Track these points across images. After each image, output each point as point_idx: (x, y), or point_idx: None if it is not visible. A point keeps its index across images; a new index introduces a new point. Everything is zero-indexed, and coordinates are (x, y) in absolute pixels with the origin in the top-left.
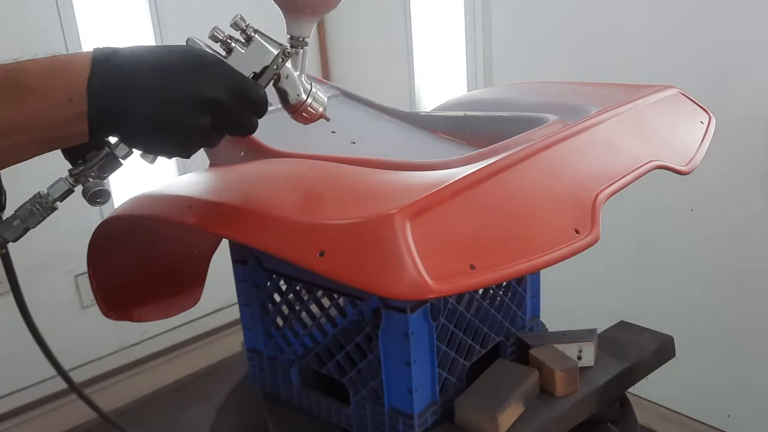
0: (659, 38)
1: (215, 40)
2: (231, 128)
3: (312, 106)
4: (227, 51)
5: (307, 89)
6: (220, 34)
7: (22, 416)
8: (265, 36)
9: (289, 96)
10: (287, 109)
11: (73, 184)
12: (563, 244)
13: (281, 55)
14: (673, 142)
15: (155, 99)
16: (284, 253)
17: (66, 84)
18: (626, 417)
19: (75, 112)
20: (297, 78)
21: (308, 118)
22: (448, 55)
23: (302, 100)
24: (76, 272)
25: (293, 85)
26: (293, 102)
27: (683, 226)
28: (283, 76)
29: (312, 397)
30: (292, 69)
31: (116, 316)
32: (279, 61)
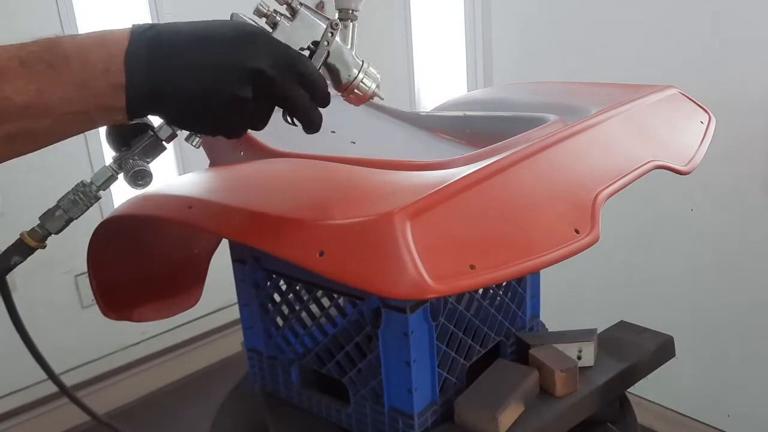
0: (659, 38)
1: (260, 15)
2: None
3: (365, 83)
4: (272, 26)
5: (359, 65)
6: (264, 8)
7: (21, 416)
8: (311, 9)
9: (341, 74)
10: (337, 89)
11: (116, 171)
12: (563, 244)
13: (330, 29)
14: (673, 142)
15: (194, 68)
16: (284, 253)
17: (104, 55)
18: (626, 417)
19: (113, 83)
20: (348, 53)
21: (361, 96)
22: (448, 55)
23: (354, 75)
24: (76, 272)
25: (344, 61)
26: (345, 81)
27: (683, 226)
28: (333, 51)
29: (312, 396)
30: (341, 43)
31: (116, 316)
32: (329, 36)
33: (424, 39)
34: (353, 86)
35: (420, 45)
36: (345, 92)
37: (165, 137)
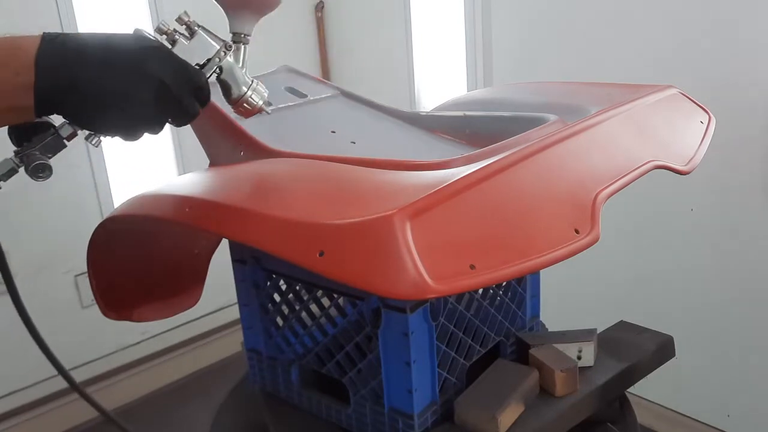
0: (659, 38)
1: (160, 33)
2: (174, 111)
3: (252, 98)
4: (171, 43)
5: (248, 82)
6: (165, 26)
7: (21, 416)
8: (207, 31)
9: (231, 89)
10: (229, 102)
11: (17, 164)
12: (563, 244)
13: (223, 49)
14: (673, 142)
15: (100, 72)
16: (284, 253)
17: (14, 59)
18: (626, 417)
19: (22, 84)
20: (239, 71)
21: (249, 110)
22: (448, 55)
23: (243, 92)
24: (76, 272)
25: (234, 78)
26: (234, 95)
27: (683, 226)
28: (226, 69)
29: (312, 397)
30: (233, 63)
31: (116, 316)
32: (221, 54)
33: (424, 39)
34: (242, 101)
35: (420, 45)
36: (235, 105)
37: (66, 135)
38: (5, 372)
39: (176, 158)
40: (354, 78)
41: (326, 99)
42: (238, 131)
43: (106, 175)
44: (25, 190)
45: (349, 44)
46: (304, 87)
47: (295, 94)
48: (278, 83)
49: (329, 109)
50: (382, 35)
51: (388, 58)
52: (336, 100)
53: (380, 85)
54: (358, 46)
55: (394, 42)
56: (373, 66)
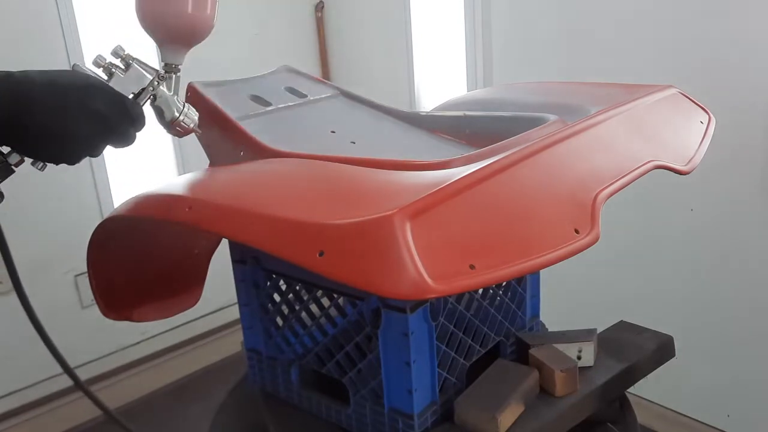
0: (659, 38)
1: (98, 66)
2: (114, 139)
3: (184, 122)
4: (109, 75)
5: (180, 108)
6: (102, 61)
7: (22, 416)
8: (141, 63)
9: (164, 113)
10: (163, 125)
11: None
12: (563, 244)
13: (156, 79)
14: (673, 142)
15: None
16: (284, 253)
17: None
18: (626, 417)
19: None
20: (171, 98)
21: (182, 131)
22: (448, 55)
23: (175, 117)
24: (76, 272)
25: (167, 104)
26: (168, 118)
27: (683, 226)
28: (159, 97)
29: (312, 397)
30: (166, 90)
31: (116, 316)
32: (154, 84)
33: (424, 39)
34: (175, 123)
35: (420, 45)
36: (169, 128)
37: (14, 163)
38: (5, 372)
39: (176, 158)
40: (354, 78)
41: (326, 99)
42: (238, 131)
43: (106, 175)
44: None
45: (349, 44)
46: (304, 87)
47: (295, 94)
48: (278, 83)
49: (329, 109)
50: (382, 35)
51: (388, 58)
52: (336, 100)
53: (380, 85)
54: (358, 46)
55: (394, 42)
56: (373, 66)
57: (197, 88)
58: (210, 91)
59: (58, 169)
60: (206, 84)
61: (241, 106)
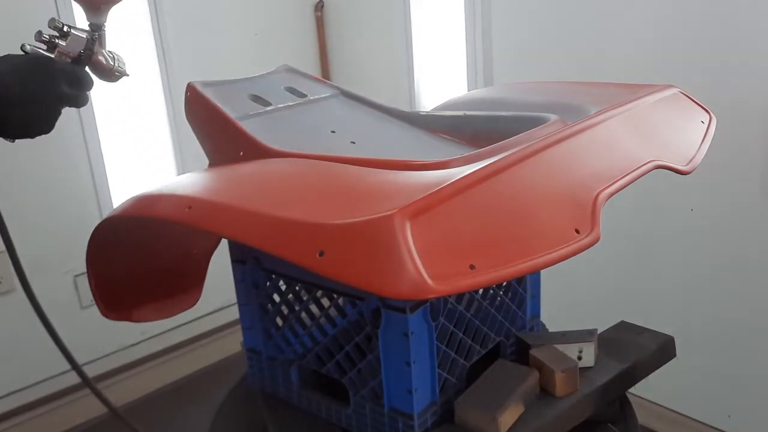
0: (659, 37)
1: (41, 42)
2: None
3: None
4: (52, 47)
5: (113, 59)
6: (44, 37)
7: (21, 416)
8: (75, 27)
9: (104, 65)
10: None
11: None
12: (563, 244)
13: (90, 40)
14: (673, 141)
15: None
16: (284, 253)
17: None
18: (626, 417)
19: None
20: (104, 52)
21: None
22: (448, 55)
23: (111, 65)
24: (76, 272)
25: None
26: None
27: (683, 226)
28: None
29: (312, 397)
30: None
31: (116, 316)
32: (90, 45)
33: (424, 39)
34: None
35: (420, 45)
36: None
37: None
38: (5, 372)
39: (176, 158)
40: (354, 78)
41: (326, 99)
42: (238, 131)
43: (105, 175)
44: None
45: (349, 44)
46: (304, 87)
47: (295, 94)
48: (278, 83)
49: (329, 109)
50: (382, 35)
51: (388, 58)
52: (336, 100)
53: (380, 85)
54: (358, 46)
55: (394, 42)
56: (373, 66)
57: (197, 87)
58: (210, 91)
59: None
60: (206, 84)
61: (241, 106)
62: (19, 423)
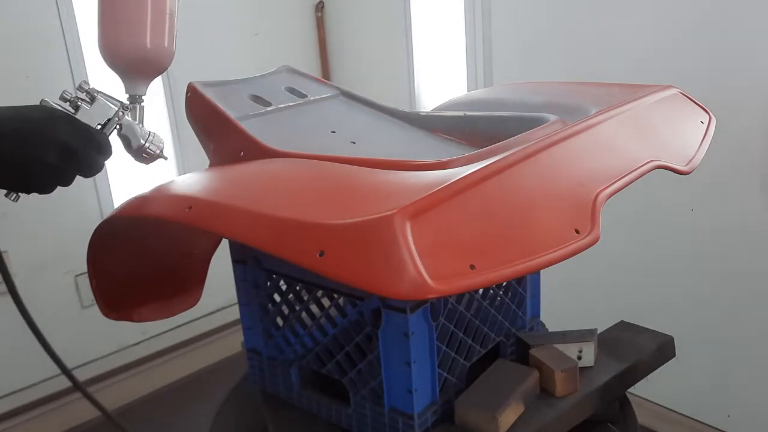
0: (659, 38)
1: (64, 101)
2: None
3: (150, 149)
4: (75, 108)
5: (145, 136)
6: (68, 95)
7: (22, 416)
8: (106, 95)
9: (131, 141)
10: (130, 153)
11: None
12: (563, 244)
13: (120, 110)
14: (673, 142)
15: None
16: (284, 253)
17: None
18: (626, 417)
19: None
20: (136, 127)
21: (148, 158)
22: (448, 55)
23: (141, 144)
24: (76, 272)
25: (133, 133)
26: (134, 146)
27: (683, 226)
28: (125, 126)
29: (312, 397)
30: (131, 120)
31: (116, 316)
32: (120, 114)
33: (424, 39)
34: (141, 151)
35: (420, 45)
36: (134, 154)
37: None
38: (5, 372)
39: (176, 158)
40: (354, 78)
41: (326, 99)
42: (239, 131)
43: (106, 175)
44: None
45: (349, 44)
46: (304, 87)
47: (295, 94)
48: (278, 83)
49: (329, 109)
50: (382, 35)
51: (388, 58)
52: (336, 100)
53: (380, 85)
54: (358, 46)
55: (394, 42)
56: (373, 66)
57: (197, 88)
58: (210, 91)
59: None
60: (206, 84)
61: (241, 106)
62: (19, 423)
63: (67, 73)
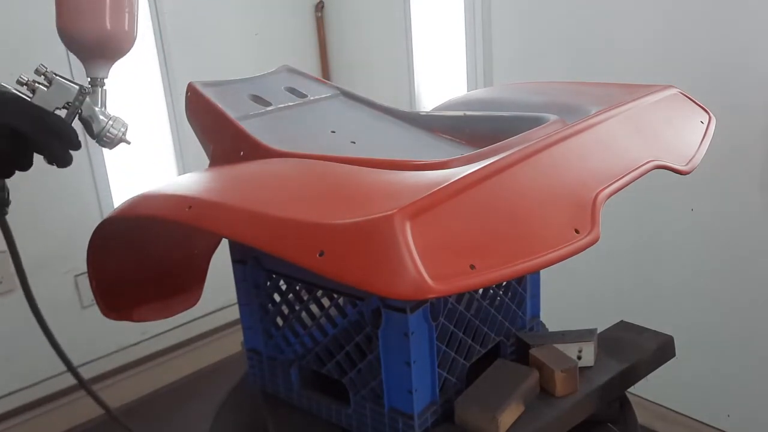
0: (659, 38)
1: (21, 84)
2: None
3: (111, 132)
4: (32, 92)
5: (106, 119)
6: (24, 78)
7: (22, 416)
8: (65, 78)
9: (92, 126)
10: (92, 137)
11: None
12: (563, 244)
13: (80, 94)
14: (673, 142)
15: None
16: (284, 253)
17: None
18: (626, 417)
19: None
20: (97, 111)
21: (109, 142)
22: (448, 55)
23: (102, 128)
24: (76, 272)
25: (95, 117)
26: (96, 131)
27: (683, 226)
28: (85, 110)
29: (312, 397)
30: (92, 104)
31: (116, 316)
32: (80, 98)
33: (424, 39)
34: (103, 134)
35: (420, 45)
36: (97, 138)
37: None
38: (5, 372)
39: (176, 158)
40: (354, 78)
41: (326, 99)
42: (239, 131)
43: (106, 175)
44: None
45: (349, 44)
46: (304, 87)
47: (295, 94)
48: (278, 83)
49: (329, 109)
50: (382, 35)
51: (388, 58)
52: (336, 100)
53: (380, 85)
54: (359, 46)
55: (394, 42)
56: (373, 66)
57: (197, 87)
58: (210, 91)
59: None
60: (206, 84)
61: (241, 106)
62: (19, 423)
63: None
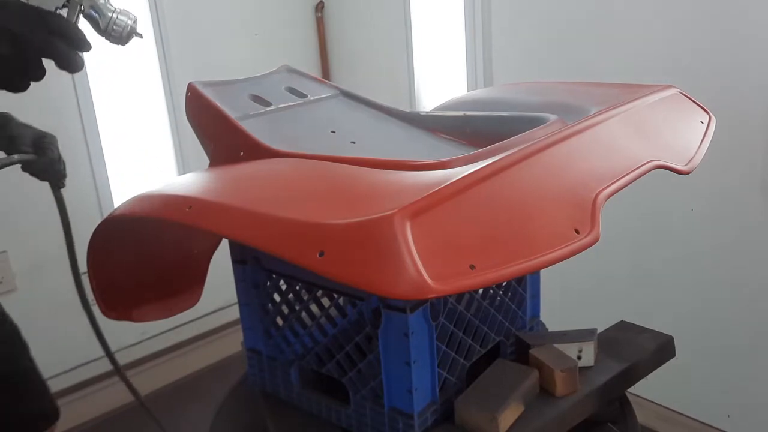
0: (659, 38)
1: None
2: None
3: (118, 22)
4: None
5: (111, 10)
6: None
7: None
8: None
9: (98, 21)
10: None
11: None
12: (563, 244)
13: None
14: (673, 142)
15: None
16: (284, 253)
17: None
18: (626, 417)
19: None
20: (100, 4)
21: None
22: (448, 55)
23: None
24: None
25: (98, 9)
26: (102, 25)
27: (683, 226)
28: (87, 4)
29: (312, 397)
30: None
31: (116, 316)
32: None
33: (424, 39)
34: (110, 26)
35: (420, 45)
36: (106, 34)
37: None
38: None
39: (176, 158)
40: (354, 78)
41: (326, 99)
42: (239, 131)
43: (106, 175)
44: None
45: (349, 44)
46: (304, 87)
47: (295, 94)
48: (278, 83)
49: (329, 109)
50: (382, 35)
51: (388, 58)
52: (336, 100)
53: (380, 85)
54: (358, 46)
55: (394, 42)
56: (373, 66)
57: (197, 87)
58: (210, 91)
59: None
60: (206, 84)
61: (241, 106)
62: None
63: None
